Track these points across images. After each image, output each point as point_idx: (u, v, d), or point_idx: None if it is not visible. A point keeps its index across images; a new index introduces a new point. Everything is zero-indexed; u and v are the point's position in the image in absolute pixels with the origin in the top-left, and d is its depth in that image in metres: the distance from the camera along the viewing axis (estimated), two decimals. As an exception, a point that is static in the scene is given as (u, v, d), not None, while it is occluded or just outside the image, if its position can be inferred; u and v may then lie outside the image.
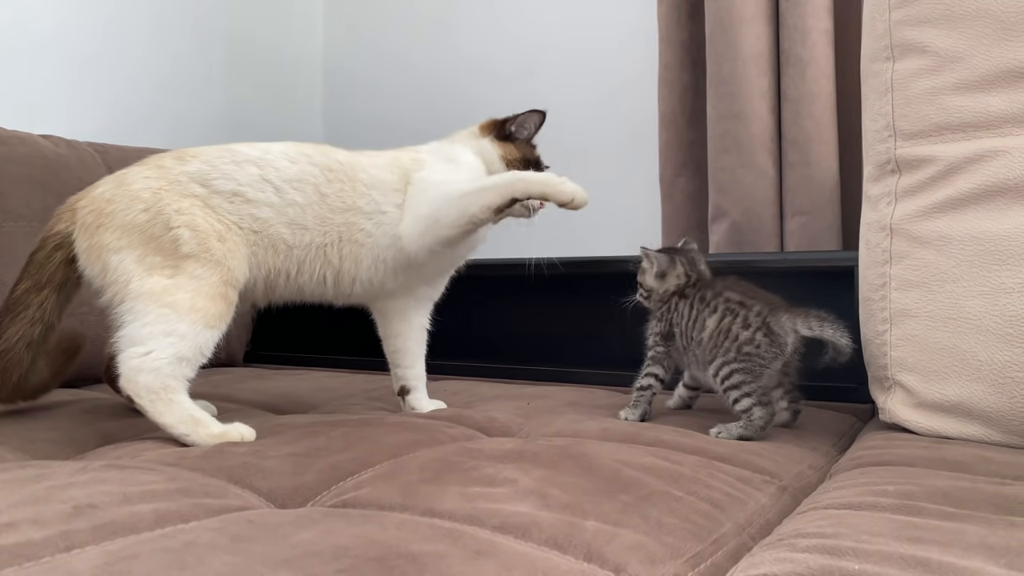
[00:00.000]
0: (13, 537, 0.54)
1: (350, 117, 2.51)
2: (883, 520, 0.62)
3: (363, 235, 1.09)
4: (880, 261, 1.03)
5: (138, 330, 0.93)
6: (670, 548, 0.62)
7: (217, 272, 0.98)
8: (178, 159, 1.02)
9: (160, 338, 0.93)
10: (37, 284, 0.99)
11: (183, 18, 2.16)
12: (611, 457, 0.82)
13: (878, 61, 1.05)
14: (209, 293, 0.96)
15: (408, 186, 1.13)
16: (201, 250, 0.97)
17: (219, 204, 1.01)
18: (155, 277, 0.95)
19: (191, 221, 0.98)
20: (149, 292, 0.94)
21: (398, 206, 1.11)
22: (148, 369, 0.92)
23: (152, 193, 0.98)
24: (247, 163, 1.03)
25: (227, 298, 0.99)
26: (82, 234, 0.98)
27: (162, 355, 0.92)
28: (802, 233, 1.62)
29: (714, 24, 1.68)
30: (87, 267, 0.98)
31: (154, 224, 0.96)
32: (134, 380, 0.92)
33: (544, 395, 1.29)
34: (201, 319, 0.95)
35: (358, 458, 0.82)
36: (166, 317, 0.93)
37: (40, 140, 1.57)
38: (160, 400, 0.92)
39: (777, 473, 0.87)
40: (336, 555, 0.53)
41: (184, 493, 0.68)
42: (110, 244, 0.96)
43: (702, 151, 1.77)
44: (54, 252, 1.00)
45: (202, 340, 0.95)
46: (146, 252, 0.96)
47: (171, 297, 0.94)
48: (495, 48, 2.23)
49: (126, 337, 0.93)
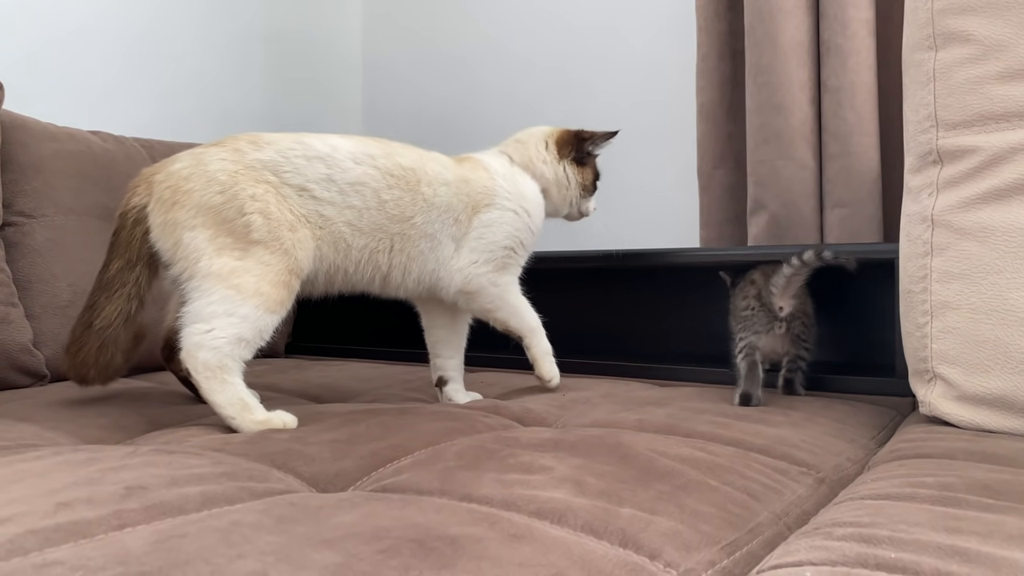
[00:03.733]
0: (70, 515, 0.57)
1: (388, 109, 2.54)
2: (921, 510, 0.62)
3: (414, 251, 1.12)
4: (921, 253, 1.02)
5: (203, 308, 0.95)
6: (705, 535, 0.62)
7: (284, 260, 1.00)
8: (253, 144, 1.04)
9: (223, 318, 0.95)
10: (129, 262, 1.02)
11: (225, 13, 2.20)
12: (647, 447, 0.82)
13: (920, 50, 1.04)
14: (274, 280, 0.99)
15: (474, 216, 1.15)
16: (271, 238, 0.99)
17: (289, 195, 1.03)
18: (224, 258, 0.97)
19: (264, 208, 1.00)
20: (217, 272, 0.96)
21: (456, 241, 1.15)
22: (208, 347, 0.94)
23: (228, 176, 1.00)
24: (316, 159, 1.05)
25: (290, 286, 1.01)
26: (158, 208, 1.00)
27: (223, 334, 0.95)
28: (842, 226, 1.60)
29: (753, 14, 1.67)
30: (159, 240, 1.00)
31: (228, 207, 0.98)
32: (194, 356, 0.95)
33: (580, 387, 1.29)
34: (263, 303, 0.97)
35: (397, 445, 0.83)
36: (230, 298, 0.96)
37: (89, 136, 1.61)
38: (215, 378, 0.94)
39: (815, 465, 0.86)
40: (376, 536, 0.54)
41: (229, 477, 0.69)
42: (185, 221, 0.98)
43: (740, 143, 1.76)
44: (134, 228, 1.01)
45: (263, 324, 0.98)
46: (218, 233, 0.98)
47: (237, 279, 0.97)
48: (532, 39, 2.24)
49: (191, 313, 0.96)
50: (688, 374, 1.47)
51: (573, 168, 1.29)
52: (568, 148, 1.29)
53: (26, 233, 1.44)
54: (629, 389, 1.29)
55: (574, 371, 1.54)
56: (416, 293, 1.18)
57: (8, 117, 1.47)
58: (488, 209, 1.17)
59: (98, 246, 1.49)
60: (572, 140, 1.30)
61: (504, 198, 1.19)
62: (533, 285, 1.26)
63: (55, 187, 1.49)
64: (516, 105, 2.26)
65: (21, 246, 1.43)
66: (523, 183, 1.24)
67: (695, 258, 1.56)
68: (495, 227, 1.17)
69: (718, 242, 1.77)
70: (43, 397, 1.17)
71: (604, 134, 1.31)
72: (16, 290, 1.37)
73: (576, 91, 2.15)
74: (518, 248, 1.20)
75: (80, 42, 1.88)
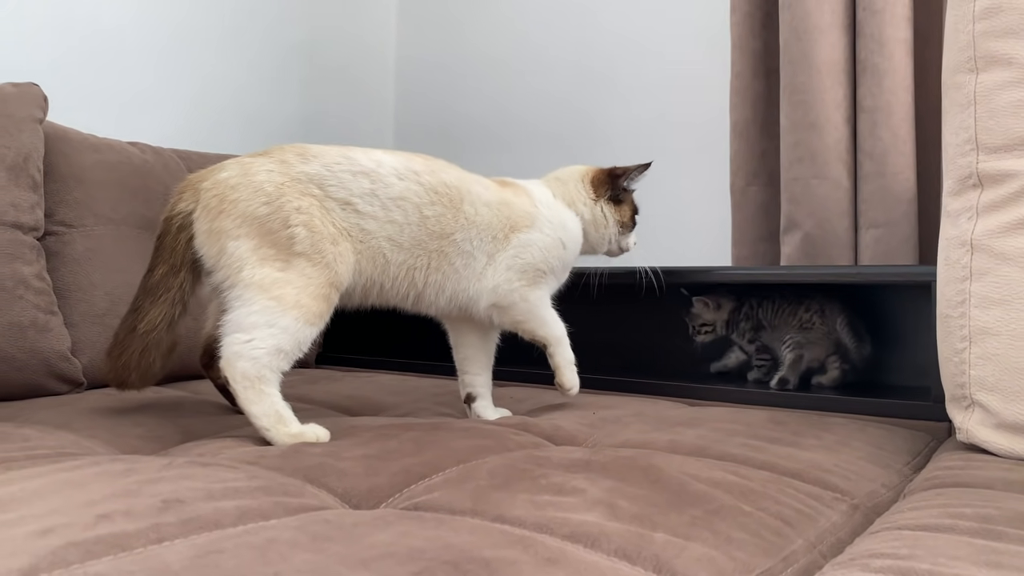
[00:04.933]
0: (110, 528, 0.57)
1: (422, 116, 2.55)
2: (961, 543, 0.61)
3: (450, 269, 1.13)
4: (960, 278, 1.01)
5: (244, 318, 0.96)
6: (739, 563, 0.62)
7: (325, 274, 1.01)
8: (300, 156, 1.04)
9: (263, 328, 0.96)
10: (174, 267, 1.03)
11: (259, 25, 2.23)
12: (679, 470, 0.82)
13: (960, 73, 1.03)
14: (314, 292, 1.00)
15: (512, 235, 1.16)
16: (313, 251, 1.00)
17: (333, 208, 1.04)
18: (266, 268, 0.98)
19: (308, 221, 1.01)
20: (259, 283, 0.97)
21: (490, 256, 1.15)
22: (248, 357, 0.95)
23: (275, 187, 1.01)
24: (361, 175, 1.05)
25: (329, 299, 1.02)
26: (203, 215, 1.01)
27: (262, 345, 0.96)
28: (877, 247, 1.59)
29: (788, 33, 1.66)
30: (203, 247, 1.01)
31: (273, 219, 0.99)
32: (233, 365, 0.95)
33: (610, 405, 1.29)
34: (303, 315, 0.98)
35: (429, 462, 0.83)
36: (271, 309, 0.96)
37: (128, 147, 1.64)
38: (253, 388, 0.95)
39: (849, 491, 0.85)
40: (411, 557, 0.55)
41: (264, 491, 0.70)
42: (229, 230, 0.99)
43: (774, 161, 1.75)
44: (179, 234, 1.02)
45: (302, 336, 0.99)
46: (262, 243, 0.99)
47: (279, 291, 0.97)
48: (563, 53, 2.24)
49: (232, 322, 0.97)
50: (718, 393, 1.46)
51: (610, 207, 1.30)
52: (603, 188, 1.30)
53: (66, 243, 1.47)
54: (659, 408, 1.28)
55: (603, 388, 1.54)
56: (446, 312, 1.18)
57: (51, 128, 1.50)
58: (528, 230, 1.18)
59: (134, 256, 1.53)
60: (606, 179, 1.30)
61: (545, 223, 1.20)
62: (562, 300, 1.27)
63: (95, 197, 1.52)
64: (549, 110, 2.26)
65: (62, 255, 1.46)
66: (565, 215, 1.25)
67: (728, 277, 1.55)
68: (532, 248, 1.18)
69: (751, 260, 1.76)
70: (81, 404, 1.19)
71: (637, 168, 1.31)
72: (56, 298, 1.40)
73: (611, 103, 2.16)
74: (550, 272, 1.21)
75: (113, 51, 1.90)
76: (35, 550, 0.53)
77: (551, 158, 2.21)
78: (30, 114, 1.42)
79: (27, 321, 1.30)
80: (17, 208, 1.35)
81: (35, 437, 0.95)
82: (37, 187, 1.40)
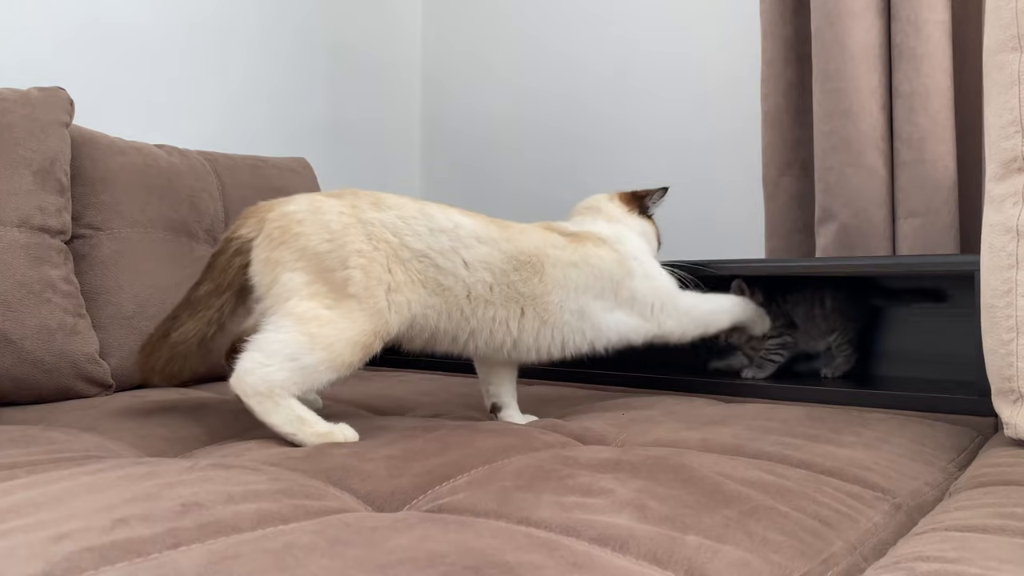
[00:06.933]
0: (125, 532, 0.56)
1: (447, 120, 2.54)
2: (1012, 545, 0.58)
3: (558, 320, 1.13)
4: (1005, 265, 0.97)
5: (270, 343, 0.94)
6: (776, 567, 0.59)
7: (373, 321, 0.98)
8: (374, 204, 1.03)
9: (285, 360, 0.94)
10: (219, 287, 1.03)
11: (288, 27, 2.23)
12: (712, 469, 0.79)
13: (1004, 52, 0.98)
14: (354, 339, 0.97)
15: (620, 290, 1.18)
16: (366, 295, 0.98)
17: (409, 259, 1.02)
18: (313, 303, 0.96)
19: (367, 266, 0.98)
20: (300, 314, 0.95)
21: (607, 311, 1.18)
22: (259, 375, 0.93)
23: (341, 227, 0.99)
24: (439, 232, 1.04)
25: (369, 348, 0.99)
26: (264, 244, 1.00)
27: (277, 375, 0.94)
28: (916, 236, 1.54)
29: (820, 18, 1.62)
30: (258, 275, 1.00)
31: (333, 257, 0.98)
32: (242, 380, 0.94)
33: (641, 404, 1.26)
34: (330, 360, 0.95)
35: (454, 462, 0.82)
36: (300, 344, 0.94)
37: (155, 150, 1.65)
38: (269, 400, 0.94)
39: (891, 489, 0.82)
40: (431, 562, 0.53)
41: (285, 494, 0.69)
42: (287, 262, 0.98)
43: (807, 150, 1.70)
44: (234, 257, 1.02)
45: (320, 379, 0.96)
46: (316, 279, 0.97)
47: (316, 328, 0.95)
48: (589, 47, 2.21)
49: (258, 341, 0.95)
50: (753, 390, 1.42)
51: (649, 223, 1.35)
52: (633, 204, 1.34)
53: (94, 245, 1.47)
54: (692, 406, 1.25)
55: (634, 386, 1.51)
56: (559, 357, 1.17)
57: (78, 132, 1.51)
58: (630, 278, 1.20)
59: (162, 258, 1.54)
60: (633, 199, 1.35)
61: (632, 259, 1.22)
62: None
63: (122, 200, 1.52)
64: (576, 115, 2.24)
65: (89, 258, 1.46)
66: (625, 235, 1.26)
67: (762, 269, 1.51)
68: (643, 292, 1.21)
69: (785, 252, 1.72)
70: (108, 407, 1.19)
71: (658, 191, 1.37)
72: (84, 301, 1.40)
73: (637, 97, 2.12)
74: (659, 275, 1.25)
75: (141, 54, 1.91)
76: (50, 556, 0.52)
77: (580, 158, 2.21)
78: (56, 118, 1.42)
79: (55, 324, 1.30)
80: (44, 212, 1.35)
81: (61, 440, 0.95)
82: (64, 191, 1.41)
